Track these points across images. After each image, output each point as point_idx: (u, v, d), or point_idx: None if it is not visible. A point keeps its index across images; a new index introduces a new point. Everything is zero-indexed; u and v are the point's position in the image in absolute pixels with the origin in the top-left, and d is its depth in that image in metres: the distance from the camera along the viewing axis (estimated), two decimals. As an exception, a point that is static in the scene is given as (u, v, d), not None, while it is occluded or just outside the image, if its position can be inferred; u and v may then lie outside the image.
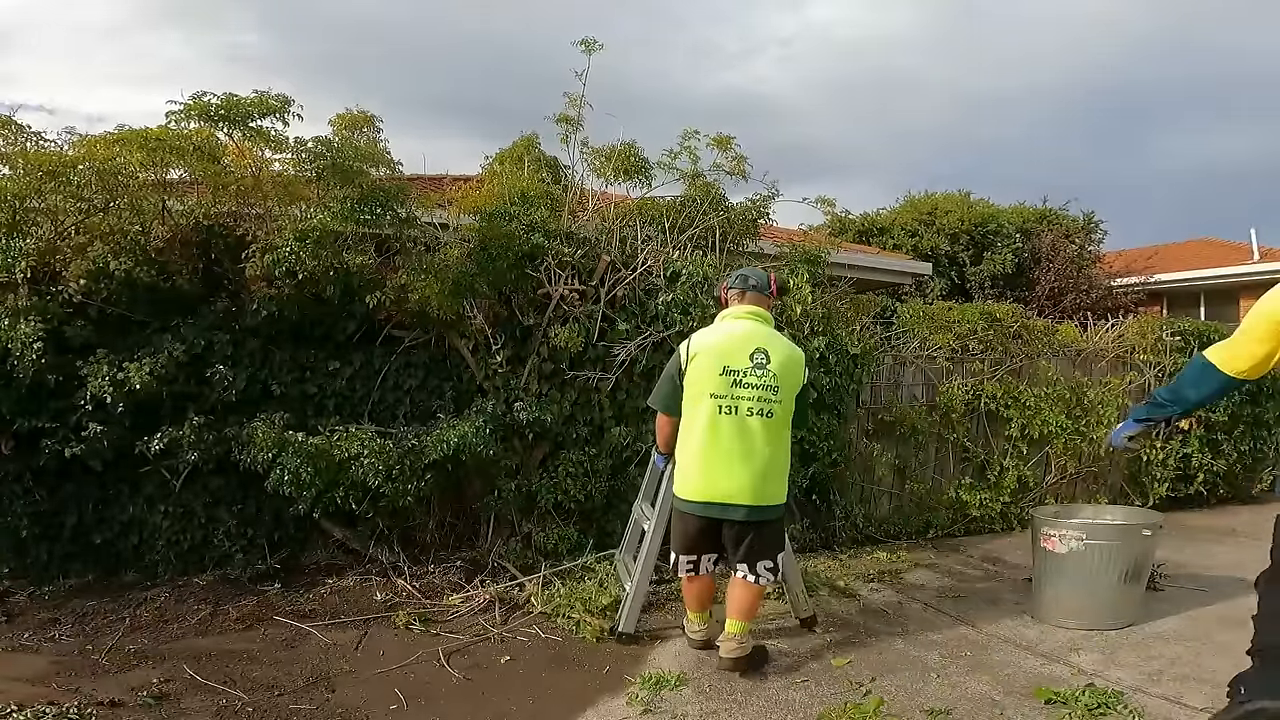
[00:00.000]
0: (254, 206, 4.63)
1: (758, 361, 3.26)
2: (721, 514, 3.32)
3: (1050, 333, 6.91)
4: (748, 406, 3.25)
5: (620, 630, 3.72)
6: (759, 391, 3.26)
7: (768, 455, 3.29)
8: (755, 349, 3.28)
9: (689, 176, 5.66)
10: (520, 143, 6.01)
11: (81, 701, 3.00)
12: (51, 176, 4.00)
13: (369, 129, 4.89)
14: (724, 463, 3.26)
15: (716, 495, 3.29)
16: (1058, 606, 4.00)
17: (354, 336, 4.74)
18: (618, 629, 3.74)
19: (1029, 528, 4.28)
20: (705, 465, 3.29)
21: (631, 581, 3.80)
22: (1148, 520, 4.13)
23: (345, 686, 3.28)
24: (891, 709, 3.07)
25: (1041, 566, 4.07)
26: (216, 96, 4.23)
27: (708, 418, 3.27)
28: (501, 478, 4.75)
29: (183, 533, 4.50)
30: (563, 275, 4.83)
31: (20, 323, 3.92)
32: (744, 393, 3.25)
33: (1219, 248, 14.71)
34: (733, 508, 3.29)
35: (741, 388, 3.25)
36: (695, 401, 3.31)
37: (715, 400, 3.26)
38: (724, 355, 3.28)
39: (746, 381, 3.25)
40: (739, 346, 3.29)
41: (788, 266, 5.52)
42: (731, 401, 3.25)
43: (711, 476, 3.28)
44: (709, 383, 3.27)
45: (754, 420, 3.25)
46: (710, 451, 3.27)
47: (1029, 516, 4.39)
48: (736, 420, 3.25)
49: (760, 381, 3.26)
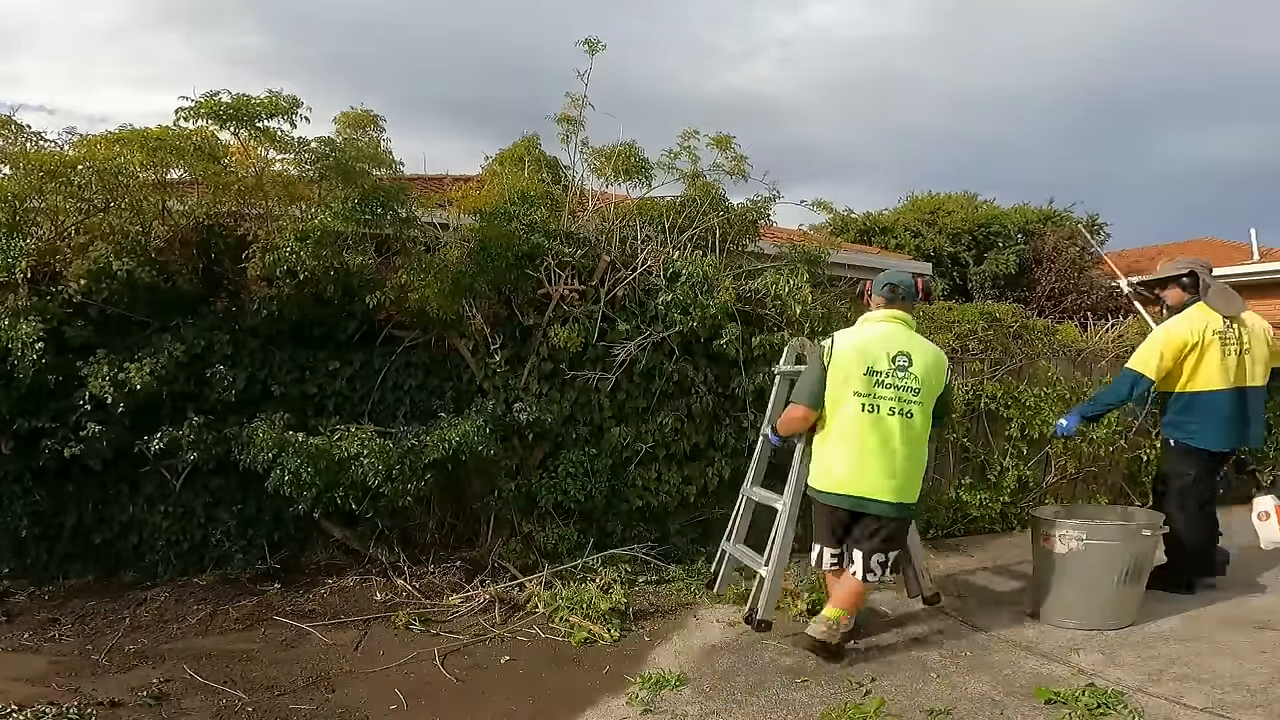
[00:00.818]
0: (255, 206, 4.63)
1: (900, 364, 3.42)
2: (859, 507, 3.46)
3: (1050, 333, 6.90)
4: (888, 406, 3.40)
5: (759, 619, 3.74)
6: (900, 392, 3.41)
7: (905, 454, 3.43)
8: (898, 352, 3.44)
9: (689, 177, 5.66)
10: (520, 143, 6.01)
11: (81, 701, 3.00)
12: (52, 176, 4.00)
13: (373, 128, 4.89)
14: (865, 459, 3.41)
15: (857, 489, 3.44)
16: (1058, 606, 3.99)
17: (354, 336, 4.74)
18: (755, 617, 3.75)
19: (1029, 528, 4.28)
20: (847, 460, 3.43)
21: (767, 568, 3.80)
22: (1148, 520, 4.13)
23: (345, 686, 3.28)
24: (891, 709, 3.07)
25: (1041, 566, 4.07)
26: (229, 95, 4.22)
27: (850, 415, 3.42)
28: (501, 478, 4.75)
29: (183, 533, 4.50)
30: (563, 275, 4.83)
31: (20, 323, 3.91)
32: (885, 393, 3.40)
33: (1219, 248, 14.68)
34: (870, 502, 3.43)
35: (883, 388, 3.41)
36: (838, 399, 3.46)
37: (858, 399, 3.41)
38: (868, 356, 3.44)
39: (888, 382, 3.41)
40: (883, 348, 3.45)
41: (788, 266, 5.52)
42: (873, 400, 3.40)
43: (854, 471, 3.43)
44: (852, 382, 3.42)
45: (894, 420, 3.40)
46: (852, 447, 3.42)
47: (1029, 516, 4.39)
48: (877, 419, 3.40)
49: (902, 383, 3.41)
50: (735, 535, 4.31)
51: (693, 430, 5.11)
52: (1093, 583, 3.90)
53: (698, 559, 4.96)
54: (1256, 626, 3.93)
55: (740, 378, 5.09)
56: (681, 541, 5.11)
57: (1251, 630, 3.88)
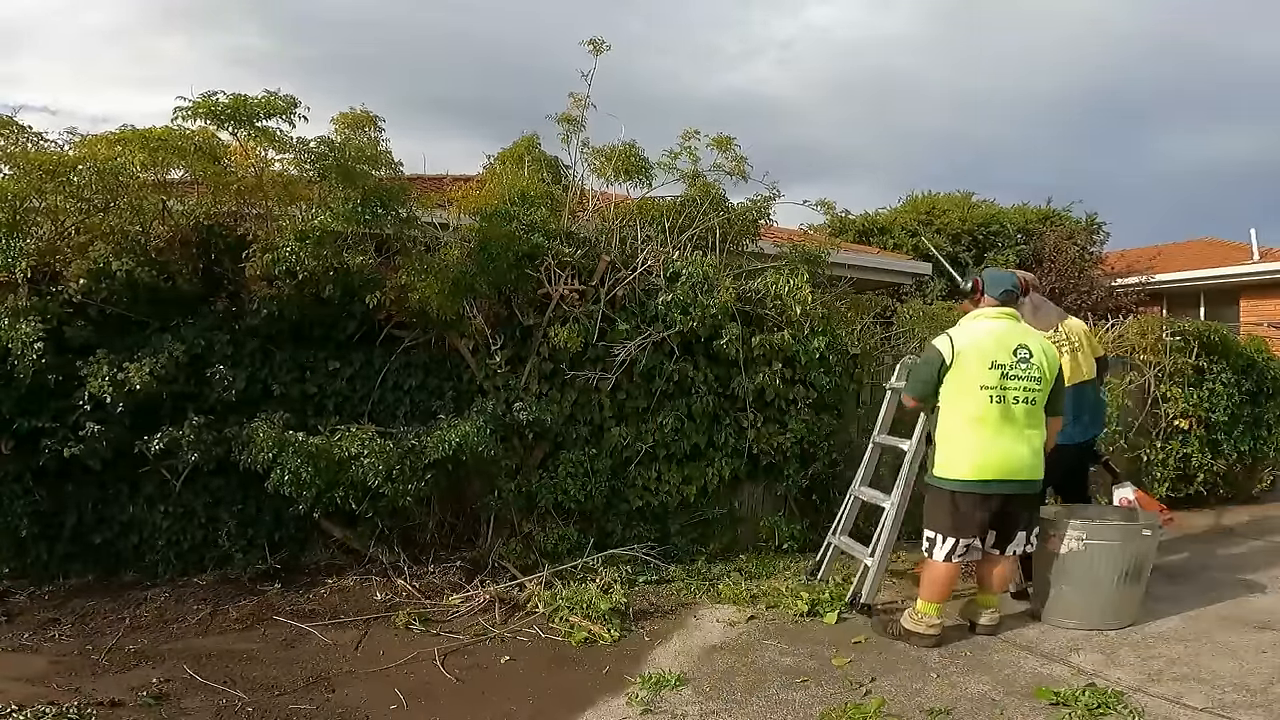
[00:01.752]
0: (254, 206, 4.63)
1: (1021, 356, 3.68)
2: (1000, 490, 3.66)
3: (1050, 333, 6.89)
4: (1013, 395, 3.65)
5: (863, 601, 4.09)
6: (1025, 382, 3.67)
7: (1032, 436, 3.71)
8: (1018, 345, 3.70)
9: (689, 177, 5.66)
10: (520, 143, 6.01)
11: (81, 701, 3.00)
12: (52, 176, 4.00)
13: (371, 128, 4.89)
14: (999, 443, 3.65)
15: (996, 473, 3.64)
16: (1058, 606, 3.99)
17: (354, 336, 4.73)
18: (859, 600, 4.11)
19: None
20: (982, 447, 3.66)
21: (873, 558, 4.14)
22: (1148, 520, 4.13)
23: (345, 686, 3.28)
24: (891, 709, 3.07)
25: (1041, 566, 4.07)
26: (225, 95, 4.23)
27: (979, 406, 3.66)
28: (501, 478, 4.75)
29: (183, 533, 4.49)
30: (563, 275, 4.83)
31: (20, 323, 3.91)
32: (1011, 384, 3.65)
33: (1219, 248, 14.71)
34: (1010, 483, 3.66)
35: (1009, 379, 3.65)
36: (964, 393, 3.70)
37: (986, 391, 3.65)
38: (991, 352, 3.68)
39: (1013, 374, 3.66)
40: (1003, 344, 3.70)
41: (788, 266, 5.53)
42: (1000, 391, 3.65)
43: (990, 456, 3.65)
44: (978, 376, 3.66)
45: (1019, 407, 3.66)
46: (985, 434, 3.66)
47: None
48: (1004, 407, 3.65)
49: (1026, 374, 3.67)
50: (840, 530, 4.65)
51: (693, 430, 5.11)
52: (1093, 582, 3.90)
53: (698, 559, 4.96)
54: (1257, 627, 3.94)
55: (740, 378, 5.09)
56: (682, 541, 5.11)
57: (1252, 630, 3.89)
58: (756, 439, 5.22)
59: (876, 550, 4.15)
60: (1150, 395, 6.81)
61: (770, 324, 5.19)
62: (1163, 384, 6.82)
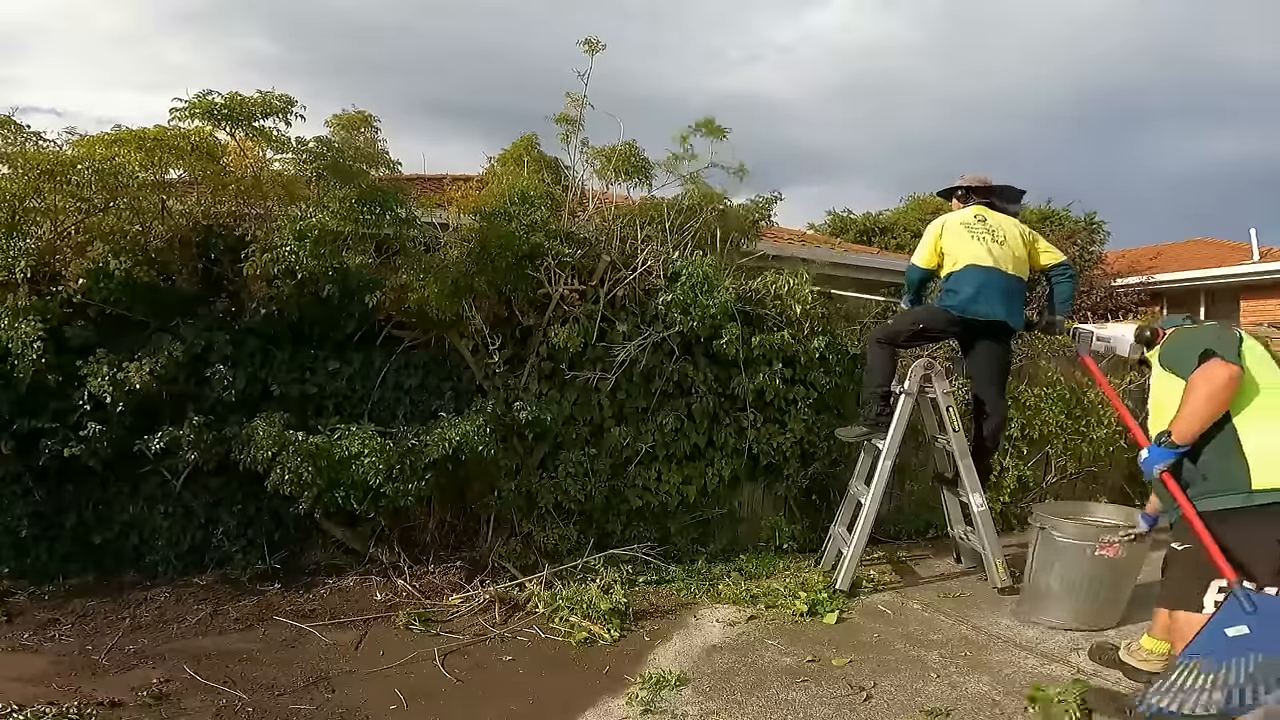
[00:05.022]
0: (253, 206, 4.62)
1: None
2: None
3: (1050, 332, 6.90)
4: None
5: (836, 588, 4.35)
6: None
7: None
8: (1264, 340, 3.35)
9: (689, 177, 5.66)
10: (520, 143, 6.01)
11: (81, 701, 3.00)
12: (51, 176, 4.00)
13: (366, 129, 4.89)
14: None
15: None
16: (1057, 606, 3.99)
17: (354, 336, 4.73)
18: (834, 587, 4.36)
19: (1029, 527, 4.27)
20: None
21: (849, 546, 4.47)
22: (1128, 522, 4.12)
23: (345, 686, 3.28)
24: (892, 709, 3.07)
25: (1041, 566, 4.07)
26: (221, 96, 4.24)
27: None
28: (501, 478, 4.75)
29: (183, 533, 4.49)
30: (563, 275, 4.83)
31: (20, 323, 3.91)
32: None
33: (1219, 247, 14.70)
34: None
35: None
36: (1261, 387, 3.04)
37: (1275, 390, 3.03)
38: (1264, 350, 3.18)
39: None
40: None
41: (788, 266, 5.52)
42: None
43: None
44: (1266, 374, 3.05)
45: None
46: None
47: (1029, 516, 4.39)
48: None
49: None
50: (839, 519, 4.96)
51: (693, 430, 5.11)
52: (1092, 582, 3.90)
53: (698, 559, 4.96)
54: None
55: (740, 378, 5.09)
56: (682, 541, 5.11)
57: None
58: (756, 439, 5.22)
59: (851, 541, 4.48)
60: (1150, 395, 6.79)
61: (770, 324, 5.19)
62: (1163, 384, 6.81)
